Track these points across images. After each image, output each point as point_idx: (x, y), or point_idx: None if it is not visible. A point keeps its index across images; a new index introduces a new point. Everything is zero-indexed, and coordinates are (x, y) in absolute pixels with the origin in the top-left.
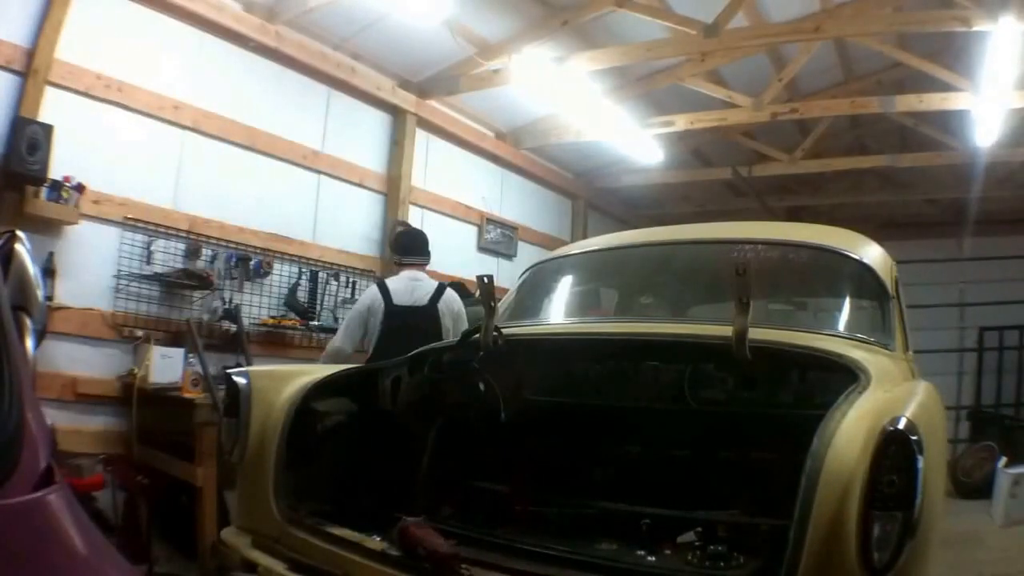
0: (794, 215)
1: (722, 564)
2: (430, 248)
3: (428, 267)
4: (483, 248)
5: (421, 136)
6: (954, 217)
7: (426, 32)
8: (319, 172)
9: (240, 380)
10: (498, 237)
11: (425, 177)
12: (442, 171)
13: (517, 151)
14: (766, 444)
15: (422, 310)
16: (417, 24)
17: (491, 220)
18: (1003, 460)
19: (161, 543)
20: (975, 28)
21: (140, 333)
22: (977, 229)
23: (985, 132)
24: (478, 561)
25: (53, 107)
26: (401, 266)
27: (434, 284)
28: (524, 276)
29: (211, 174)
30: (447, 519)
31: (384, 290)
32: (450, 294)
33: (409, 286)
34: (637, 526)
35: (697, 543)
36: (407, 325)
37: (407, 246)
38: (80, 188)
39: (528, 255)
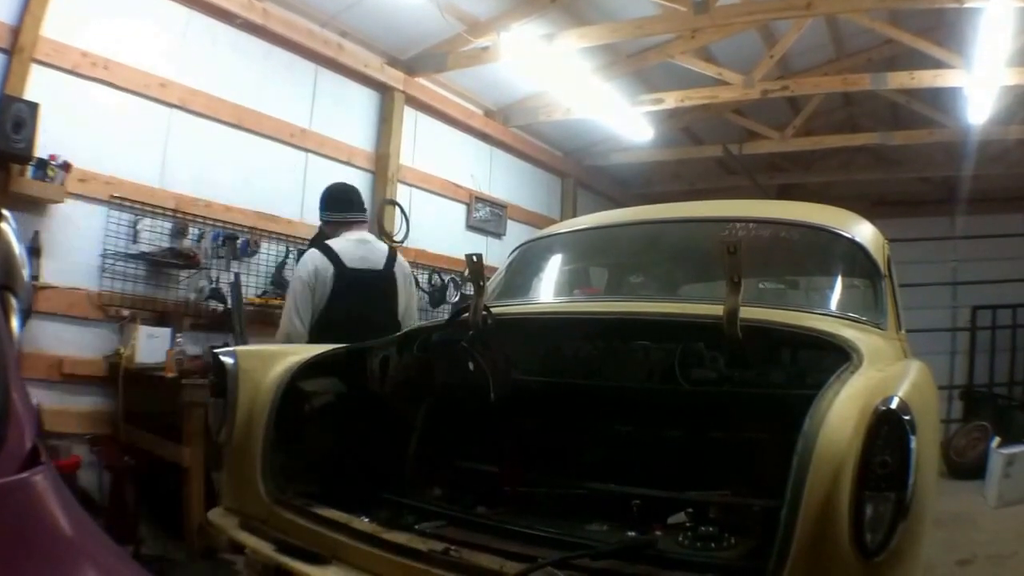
0: (785, 193)
1: (713, 545)
2: None
3: (415, 245)
4: (472, 227)
5: (409, 114)
6: (947, 195)
7: (414, 9)
8: (307, 150)
9: (227, 360)
10: (487, 216)
11: (413, 155)
12: (430, 149)
13: (506, 129)
14: (757, 424)
15: (379, 274)
16: (405, 1)
17: (480, 198)
18: (996, 440)
19: (148, 524)
20: (967, 4)
21: (126, 313)
22: (970, 207)
23: (978, 109)
24: (466, 542)
25: (39, 85)
26: (340, 225)
27: (385, 247)
28: (513, 255)
29: (198, 152)
30: (436, 500)
31: (329, 252)
32: (402, 258)
33: (359, 248)
34: (627, 507)
35: (688, 524)
36: (362, 286)
37: (349, 201)
38: (66, 166)
39: (517, 234)
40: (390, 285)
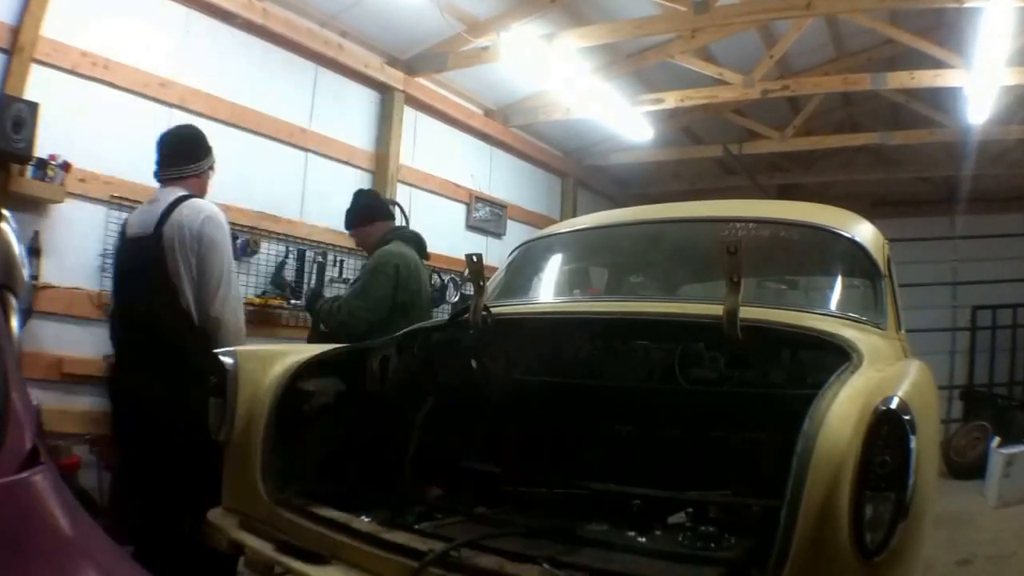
0: (785, 193)
1: (713, 545)
2: (201, 153)
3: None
4: (472, 226)
5: (409, 114)
6: (947, 195)
7: (414, 9)
8: (306, 150)
9: (227, 360)
10: (487, 215)
11: (413, 155)
12: (430, 149)
13: (506, 129)
14: (757, 424)
15: (143, 241)
16: (405, 1)
17: (480, 198)
18: (996, 440)
19: None
20: (967, 4)
21: None
22: (970, 207)
23: (978, 109)
24: (466, 542)
25: (39, 85)
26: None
27: (170, 199)
28: (513, 255)
29: None
30: (436, 499)
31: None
32: (189, 209)
33: (144, 209)
34: (627, 506)
35: (688, 523)
36: (126, 263)
37: (162, 155)
38: (66, 166)
39: (517, 234)
40: (157, 254)
